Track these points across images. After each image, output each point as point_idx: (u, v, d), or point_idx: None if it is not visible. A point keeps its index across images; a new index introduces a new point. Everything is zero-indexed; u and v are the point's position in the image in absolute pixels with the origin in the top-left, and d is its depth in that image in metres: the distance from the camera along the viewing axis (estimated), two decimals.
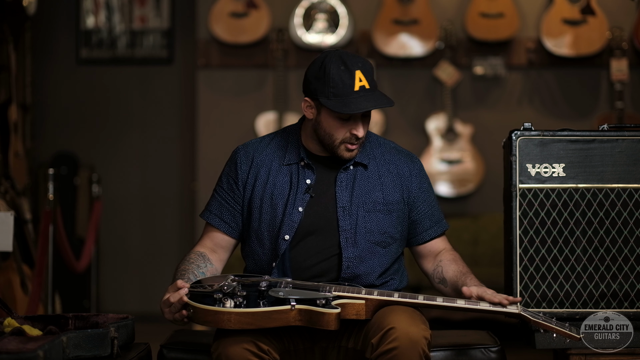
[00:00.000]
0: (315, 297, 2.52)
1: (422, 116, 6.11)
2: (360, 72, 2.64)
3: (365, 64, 2.67)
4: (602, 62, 6.01)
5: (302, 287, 2.57)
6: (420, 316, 2.59)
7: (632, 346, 2.83)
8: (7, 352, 2.34)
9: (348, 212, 2.71)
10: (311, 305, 2.50)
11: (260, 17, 6.09)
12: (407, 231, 2.79)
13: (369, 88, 2.64)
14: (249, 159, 2.78)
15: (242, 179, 2.77)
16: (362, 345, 2.61)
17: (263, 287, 2.53)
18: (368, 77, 2.65)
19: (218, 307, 2.47)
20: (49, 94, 6.74)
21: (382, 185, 2.75)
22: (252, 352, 2.48)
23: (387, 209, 2.73)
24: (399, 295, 2.57)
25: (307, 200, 2.71)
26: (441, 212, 2.85)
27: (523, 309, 2.52)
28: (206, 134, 6.29)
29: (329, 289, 2.55)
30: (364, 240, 2.70)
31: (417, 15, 6.01)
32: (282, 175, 2.75)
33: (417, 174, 2.79)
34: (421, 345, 2.48)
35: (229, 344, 2.48)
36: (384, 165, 2.77)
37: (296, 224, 2.70)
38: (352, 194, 2.72)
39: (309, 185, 2.73)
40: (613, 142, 2.91)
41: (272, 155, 2.78)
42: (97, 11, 6.74)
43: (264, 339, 2.51)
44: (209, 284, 2.56)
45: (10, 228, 3.87)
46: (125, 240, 6.73)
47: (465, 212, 6.02)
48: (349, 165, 2.74)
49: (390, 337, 2.47)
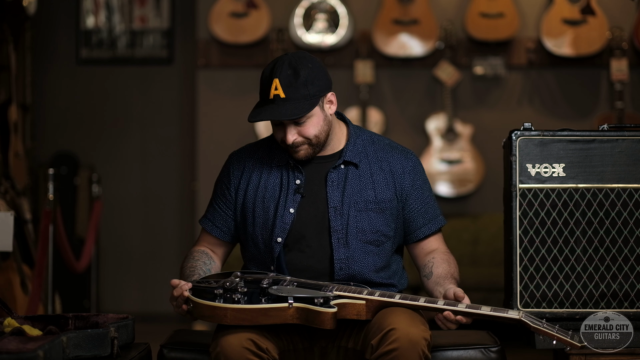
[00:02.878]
0: (314, 295, 2.52)
1: (422, 116, 6.11)
2: (277, 81, 2.66)
3: (294, 70, 2.66)
4: (602, 62, 6.01)
5: (305, 285, 2.58)
6: (420, 317, 2.59)
7: (632, 346, 2.83)
8: (7, 352, 2.34)
9: (339, 212, 2.71)
10: (309, 304, 2.50)
11: (260, 17, 6.09)
12: (401, 228, 2.80)
13: (283, 97, 2.66)
14: (241, 165, 2.81)
15: (235, 185, 2.80)
16: (362, 345, 2.61)
17: (265, 285, 2.54)
18: (285, 87, 2.65)
19: (215, 303, 2.50)
20: (49, 94, 6.74)
21: (374, 184, 2.74)
22: (251, 351, 2.47)
23: (379, 208, 2.73)
24: (401, 297, 2.57)
25: (298, 201, 2.72)
26: (437, 208, 2.84)
27: (525, 315, 2.49)
28: (206, 134, 6.29)
29: (331, 289, 2.55)
30: (355, 240, 2.70)
31: (417, 15, 6.01)
32: (273, 177, 2.77)
33: (410, 170, 2.78)
34: (421, 346, 2.47)
35: (227, 342, 2.48)
36: (376, 162, 2.77)
37: (288, 225, 2.71)
38: (344, 193, 2.72)
39: (298, 186, 2.73)
40: (613, 142, 2.91)
41: (264, 158, 2.80)
42: (97, 11, 6.74)
43: (263, 337, 2.51)
44: (215, 279, 2.59)
45: (10, 228, 3.87)
46: (125, 240, 6.73)
47: (465, 212, 6.02)
48: (338, 164, 2.74)
49: (390, 338, 2.47)
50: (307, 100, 2.67)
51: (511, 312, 2.51)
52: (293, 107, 2.66)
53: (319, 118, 2.70)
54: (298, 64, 2.68)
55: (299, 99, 2.66)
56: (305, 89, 2.67)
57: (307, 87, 2.67)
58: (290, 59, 2.69)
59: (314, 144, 2.71)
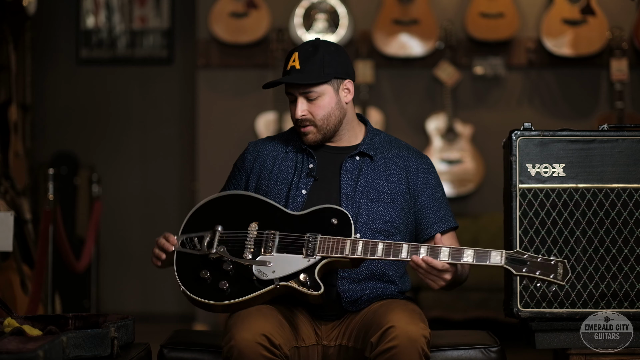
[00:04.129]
0: (299, 269, 2.58)
1: (422, 116, 6.11)
2: (296, 54, 2.75)
3: (315, 48, 2.74)
4: (602, 62, 6.01)
5: (289, 240, 2.63)
6: (419, 315, 2.60)
7: (632, 346, 2.83)
8: (7, 352, 2.34)
9: (351, 200, 2.73)
10: (295, 283, 2.58)
11: (260, 17, 6.09)
12: (413, 224, 2.80)
13: (298, 69, 2.73)
14: (256, 150, 2.88)
15: (247, 170, 2.86)
16: (362, 344, 2.61)
17: (249, 258, 2.61)
18: (302, 59, 2.73)
19: (206, 300, 2.61)
20: (49, 94, 6.74)
21: (388, 177, 2.78)
22: (264, 347, 2.49)
23: (390, 199, 2.76)
24: (384, 245, 2.58)
25: (310, 183, 2.76)
26: (449, 210, 2.86)
27: (507, 262, 2.53)
28: (206, 134, 6.29)
29: (314, 248, 2.59)
30: (364, 228, 2.71)
31: (417, 15, 6.01)
32: (287, 162, 2.82)
33: (424, 169, 2.82)
34: (420, 343, 2.48)
35: (241, 337, 2.49)
36: (391, 158, 2.81)
37: (300, 205, 2.73)
38: (357, 182, 2.76)
39: (311, 169, 2.77)
40: (613, 142, 2.91)
41: (279, 145, 2.87)
42: (97, 11, 6.75)
43: (277, 333, 2.53)
44: (198, 235, 2.70)
45: (10, 228, 3.88)
46: (125, 240, 6.73)
47: (465, 212, 6.02)
48: (354, 154, 2.79)
49: (389, 336, 2.48)
50: (320, 73, 2.72)
51: (493, 257, 2.54)
52: (304, 75, 2.72)
53: (330, 99, 2.75)
54: (321, 45, 2.77)
55: (313, 71, 2.73)
56: (321, 64, 2.73)
57: (323, 64, 2.74)
58: (317, 40, 2.79)
59: (320, 126, 2.76)
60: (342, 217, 2.64)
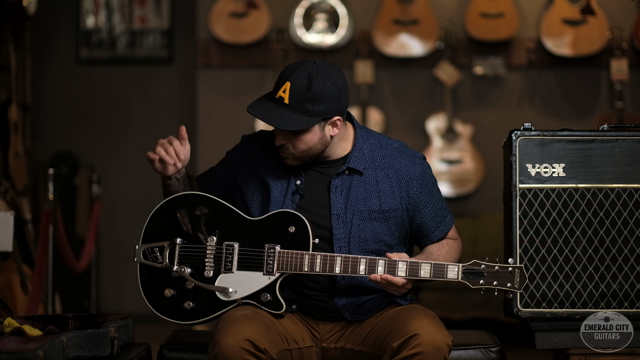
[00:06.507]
0: (259, 288, 2.62)
1: (422, 116, 6.11)
2: (289, 85, 2.63)
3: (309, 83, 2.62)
4: (602, 62, 6.01)
5: (249, 255, 2.65)
6: (441, 322, 2.63)
7: (632, 346, 2.84)
8: (7, 352, 2.34)
9: (342, 220, 2.69)
10: (257, 302, 2.63)
11: (260, 17, 6.09)
12: (406, 234, 2.79)
13: (286, 103, 2.63)
14: (247, 149, 2.82)
15: (234, 166, 2.82)
16: (378, 349, 2.61)
17: (210, 276, 2.66)
18: (293, 94, 2.62)
19: (174, 320, 2.72)
20: (49, 94, 6.74)
21: (380, 192, 2.72)
22: (249, 352, 2.48)
23: (382, 217, 2.72)
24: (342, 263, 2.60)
25: (297, 201, 2.71)
26: (446, 207, 2.86)
27: (463, 277, 2.61)
28: (206, 134, 6.28)
29: (272, 259, 2.62)
30: (357, 249, 2.69)
31: (417, 15, 6.01)
32: (275, 173, 2.75)
33: (417, 177, 2.76)
34: (444, 352, 2.52)
35: (225, 343, 2.49)
36: (382, 170, 2.74)
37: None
38: (347, 201, 2.70)
39: (297, 187, 2.72)
40: (613, 142, 2.91)
41: (270, 152, 2.78)
42: (97, 11, 6.74)
43: (262, 338, 2.52)
44: (158, 245, 2.82)
45: (10, 228, 3.88)
46: (125, 240, 6.72)
47: (465, 212, 6.02)
48: (342, 170, 2.72)
49: (414, 342, 2.50)
50: (305, 116, 2.63)
51: (450, 272, 2.60)
52: (288, 117, 2.62)
53: (314, 136, 2.67)
54: (318, 77, 2.63)
55: (299, 111, 2.63)
56: (310, 104, 2.63)
57: (313, 103, 2.63)
58: (313, 69, 2.64)
59: (299, 157, 2.69)
60: (299, 225, 2.63)
